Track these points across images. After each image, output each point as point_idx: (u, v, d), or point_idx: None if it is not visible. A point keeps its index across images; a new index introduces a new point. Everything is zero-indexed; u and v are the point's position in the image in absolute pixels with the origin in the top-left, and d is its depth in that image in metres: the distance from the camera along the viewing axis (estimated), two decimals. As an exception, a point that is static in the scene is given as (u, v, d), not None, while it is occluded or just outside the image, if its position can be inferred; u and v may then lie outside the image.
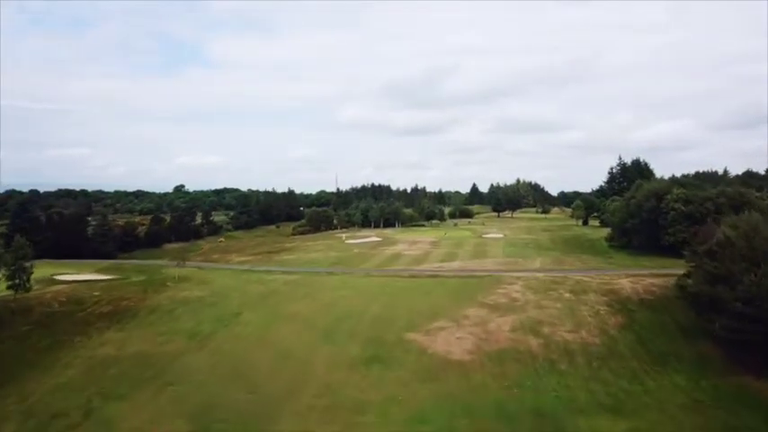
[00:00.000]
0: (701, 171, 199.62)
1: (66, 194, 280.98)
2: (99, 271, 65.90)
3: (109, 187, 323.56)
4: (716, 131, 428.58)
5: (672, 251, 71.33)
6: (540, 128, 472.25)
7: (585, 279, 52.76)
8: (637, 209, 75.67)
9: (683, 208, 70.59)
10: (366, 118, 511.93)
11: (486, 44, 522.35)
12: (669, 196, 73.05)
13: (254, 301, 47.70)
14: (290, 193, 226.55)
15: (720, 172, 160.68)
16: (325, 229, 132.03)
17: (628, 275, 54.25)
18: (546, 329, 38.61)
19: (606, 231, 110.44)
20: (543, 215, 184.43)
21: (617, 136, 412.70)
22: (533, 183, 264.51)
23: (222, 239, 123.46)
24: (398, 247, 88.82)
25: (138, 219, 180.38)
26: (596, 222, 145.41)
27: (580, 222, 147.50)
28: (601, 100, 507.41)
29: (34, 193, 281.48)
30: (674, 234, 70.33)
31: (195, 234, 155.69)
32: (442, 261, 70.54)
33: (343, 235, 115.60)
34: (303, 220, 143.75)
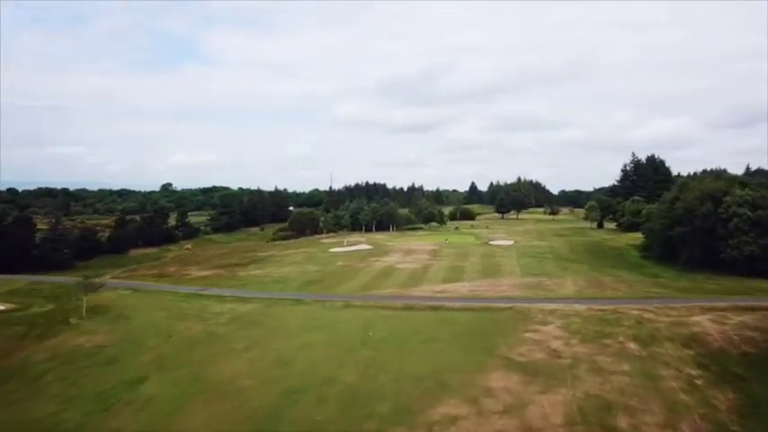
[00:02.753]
0: (708, 169, 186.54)
1: (46, 193, 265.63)
2: (2, 296, 50.70)
3: (104, 185, 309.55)
4: (712, 130, 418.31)
5: (735, 268, 56.72)
6: (538, 126, 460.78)
7: (647, 316, 37.87)
8: (686, 214, 60.89)
9: (749, 213, 55.89)
10: (364, 116, 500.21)
11: (484, 42, 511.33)
12: (729, 198, 58.37)
13: (174, 355, 32.66)
14: (277, 191, 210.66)
15: (733, 172, 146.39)
16: (311, 234, 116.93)
17: (702, 309, 39.36)
18: (622, 420, 23.68)
19: (629, 237, 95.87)
20: (551, 216, 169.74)
21: (615, 134, 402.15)
22: (534, 181, 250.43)
23: (189, 246, 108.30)
24: (391, 259, 73.89)
25: (106, 221, 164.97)
26: (612, 225, 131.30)
27: (594, 225, 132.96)
28: (599, 98, 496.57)
29: (12, 191, 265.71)
30: (739, 246, 55.64)
31: (167, 238, 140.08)
32: (445, 281, 55.58)
33: (344, 239, 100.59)
34: (286, 223, 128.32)
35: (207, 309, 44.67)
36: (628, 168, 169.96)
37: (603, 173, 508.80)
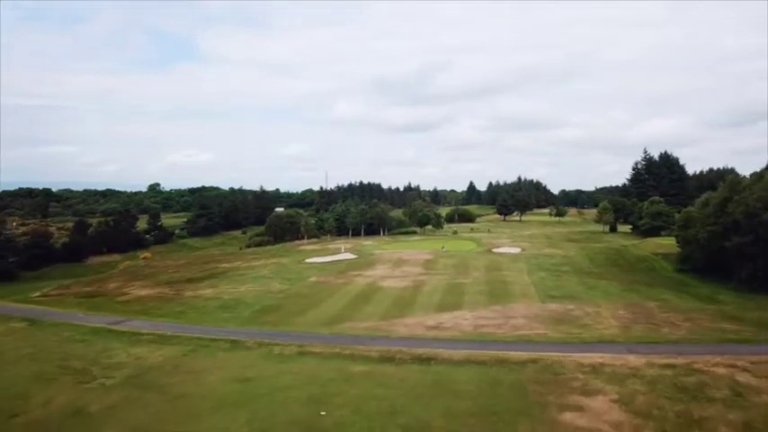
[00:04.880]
0: (714, 168, 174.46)
1: (27, 194, 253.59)
2: None
3: (97, 185, 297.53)
4: (709, 129, 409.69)
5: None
6: (537, 125, 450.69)
7: (743, 378, 25.15)
8: (746, 221, 48.30)
9: (833, 220, 43.44)
10: (362, 115, 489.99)
11: (482, 41, 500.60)
12: (803, 200, 45.84)
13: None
14: (263, 191, 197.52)
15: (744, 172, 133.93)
16: (291, 239, 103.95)
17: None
18: None
19: (653, 244, 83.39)
20: (557, 218, 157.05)
21: (613, 133, 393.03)
22: (535, 181, 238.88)
23: (147, 255, 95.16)
24: (376, 273, 61.14)
25: (71, 224, 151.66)
26: (626, 228, 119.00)
27: (607, 228, 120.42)
28: (598, 97, 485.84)
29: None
30: (822, 263, 43.27)
31: (136, 243, 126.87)
32: (441, 308, 42.72)
33: (329, 245, 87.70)
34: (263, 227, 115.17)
35: (105, 357, 31.74)
36: (639, 166, 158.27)
37: (601, 172, 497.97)
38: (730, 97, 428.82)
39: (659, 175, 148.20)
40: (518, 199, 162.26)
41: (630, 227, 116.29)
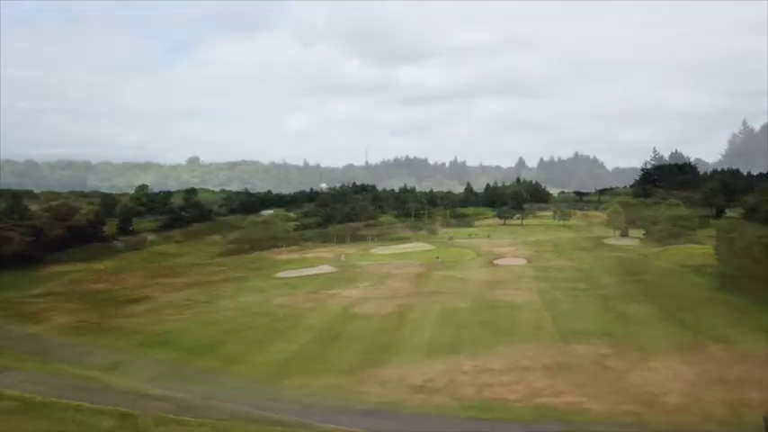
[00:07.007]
0: (718, 169, 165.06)
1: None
2: None
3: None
4: (707, 129, 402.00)
5: None
6: (534, 125, 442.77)
7: None
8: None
9: None
10: (357, 116, 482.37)
11: (478, 41, 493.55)
12: None
13: None
14: (249, 193, 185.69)
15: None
16: (269, 247, 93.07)
17: None
18: None
19: (676, 253, 72.84)
20: (561, 222, 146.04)
21: (612, 134, 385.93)
22: (534, 182, 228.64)
23: (101, 267, 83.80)
24: (355, 292, 50.49)
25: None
26: (638, 233, 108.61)
27: (617, 234, 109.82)
28: (594, 97, 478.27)
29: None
30: None
31: (102, 250, 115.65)
32: (431, 353, 31.83)
33: (316, 253, 76.99)
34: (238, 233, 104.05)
35: None
36: (649, 167, 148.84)
37: (598, 173, 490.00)
38: (729, 97, 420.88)
39: (670, 176, 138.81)
40: (519, 201, 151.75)
41: (643, 232, 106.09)
